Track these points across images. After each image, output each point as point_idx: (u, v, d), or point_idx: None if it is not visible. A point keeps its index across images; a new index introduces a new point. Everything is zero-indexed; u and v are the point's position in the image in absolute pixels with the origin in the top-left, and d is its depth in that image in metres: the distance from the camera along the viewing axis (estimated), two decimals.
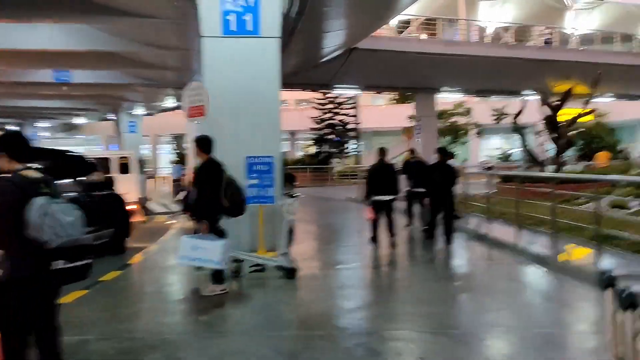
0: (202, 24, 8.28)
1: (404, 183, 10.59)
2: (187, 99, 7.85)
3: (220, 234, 5.87)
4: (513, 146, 44.38)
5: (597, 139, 31.16)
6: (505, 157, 37.90)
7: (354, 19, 15.14)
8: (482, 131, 32.59)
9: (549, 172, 17.12)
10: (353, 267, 7.67)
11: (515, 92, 26.96)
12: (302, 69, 20.63)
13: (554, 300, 5.70)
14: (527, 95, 21.26)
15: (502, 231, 9.47)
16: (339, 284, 6.53)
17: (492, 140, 44.23)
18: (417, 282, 6.42)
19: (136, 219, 13.49)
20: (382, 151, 9.23)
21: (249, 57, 8.30)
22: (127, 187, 13.12)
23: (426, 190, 9.60)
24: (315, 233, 11.26)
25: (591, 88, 16.17)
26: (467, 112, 30.92)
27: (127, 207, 10.33)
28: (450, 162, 11.71)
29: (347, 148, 35.19)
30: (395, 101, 45.75)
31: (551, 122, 16.45)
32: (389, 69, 22.24)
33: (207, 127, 8.30)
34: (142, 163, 15.05)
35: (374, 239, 8.83)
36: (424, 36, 24.74)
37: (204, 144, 5.84)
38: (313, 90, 29.65)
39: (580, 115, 16.76)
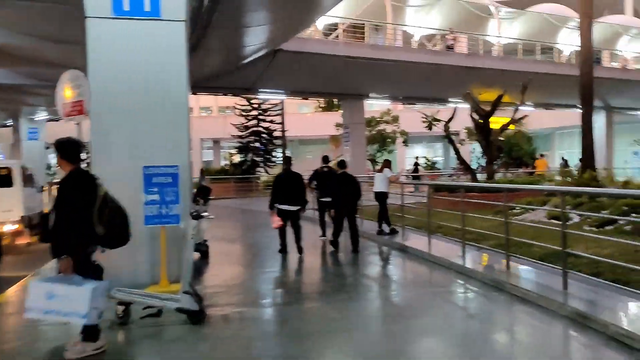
0: (85, 1, 6.62)
1: (315, 192, 10.80)
2: (61, 93, 6.15)
3: (93, 272, 4.29)
4: (437, 154, 45.13)
5: (516, 147, 31.89)
6: (431, 165, 38.10)
7: (275, 12, 13.83)
8: (407, 139, 32.51)
9: (480, 180, 16.73)
10: (276, 303, 6.26)
11: (442, 100, 26.92)
12: (224, 70, 19.15)
13: (528, 344, 4.64)
14: (454, 102, 20.99)
15: (442, 248, 8.55)
16: (258, 330, 5.09)
17: (417, 148, 44.58)
18: (358, 324, 5.13)
19: (19, 240, 11.50)
20: (288, 160, 9.27)
21: (147, 44, 6.78)
22: (8, 204, 11.21)
23: (332, 200, 9.57)
24: (234, 255, 9.75)
25: (521, 94, 15.92)
26: (395, 120, 30.64)
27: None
28: (386, 170, 10.92)
29: (273, 157, 33.78)
30: (321, 109, 45.06)
31: (482, 130, 16.07)
32: (316, 74, 21.28)
33: (97, 130, 6.71)
34: (30, 175, 12.77)
35: (283, 249, 8.83)
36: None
37: (66, 149, 4.21)
38: (236, 95, 28.07)
39: (513, 122, 16.53)
